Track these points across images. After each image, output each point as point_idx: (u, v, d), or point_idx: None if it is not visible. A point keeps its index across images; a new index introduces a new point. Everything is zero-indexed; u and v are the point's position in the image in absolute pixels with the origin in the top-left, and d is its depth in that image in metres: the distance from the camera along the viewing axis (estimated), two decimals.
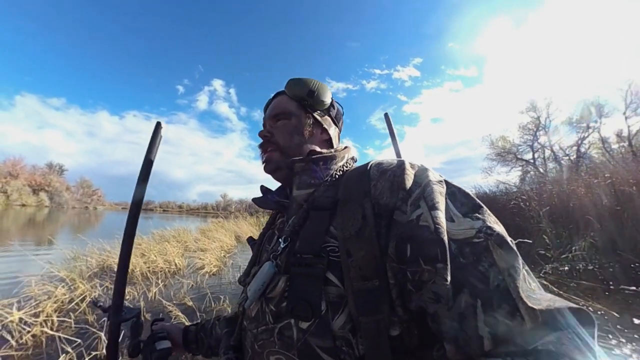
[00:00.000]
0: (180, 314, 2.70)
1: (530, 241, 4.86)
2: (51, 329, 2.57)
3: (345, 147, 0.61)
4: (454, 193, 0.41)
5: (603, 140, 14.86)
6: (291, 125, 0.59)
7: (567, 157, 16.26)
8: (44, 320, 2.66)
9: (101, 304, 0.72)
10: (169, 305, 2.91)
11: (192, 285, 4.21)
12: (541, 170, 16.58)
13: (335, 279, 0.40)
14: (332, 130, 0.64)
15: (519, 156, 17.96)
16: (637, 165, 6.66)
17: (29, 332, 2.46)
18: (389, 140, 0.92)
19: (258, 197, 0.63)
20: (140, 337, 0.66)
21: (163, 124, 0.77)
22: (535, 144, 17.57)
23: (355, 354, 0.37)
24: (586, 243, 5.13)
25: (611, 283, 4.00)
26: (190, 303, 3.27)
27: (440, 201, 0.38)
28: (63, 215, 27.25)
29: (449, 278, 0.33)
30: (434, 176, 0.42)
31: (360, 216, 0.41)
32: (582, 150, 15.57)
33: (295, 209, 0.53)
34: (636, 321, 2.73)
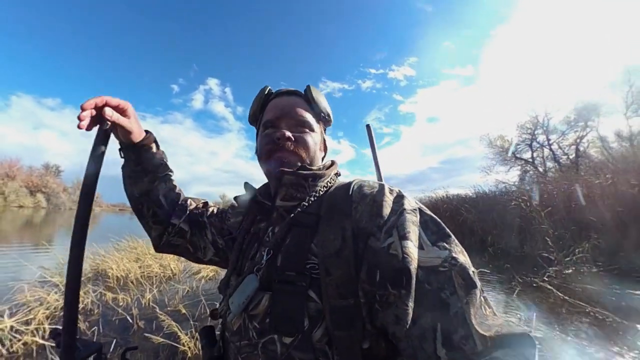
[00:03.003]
0: (172, 322, 2.63)
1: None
2: (42, 337, 2.52)
3: (332, 164, 0.63)
4: (426, 222, 0.44)
5: (602, 140, 14.81)
6: (316, 139, 0.60)
7: (566, 156, 16.22)
8: (35, 329, 2.60)
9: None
10: (161, 315, 2.84)
11: (188, 290, 4.14)
12: (540, 169, 16.56)
13: (315, 296, 0.42)
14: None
15: (517, 155, 17.89)
16: None
17: (19, 340, 2.41)
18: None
19: (240, 196, 0.63)
20: None
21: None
22: (534, 143, 17.51)
23: None
24: (589, 245, 5.06)
25: (617, 287, 3.93)
26: (184, 311, 3.21)
27: (412, 231, 0.41)
28: (60, 216, 27.11)
29: (410, 304, 0.36)
30: (409, 204, 0.45)
31: (341, 237, 0.43)
32: (581, 149, 15.51)
33: (277, 218, 0.54)
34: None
